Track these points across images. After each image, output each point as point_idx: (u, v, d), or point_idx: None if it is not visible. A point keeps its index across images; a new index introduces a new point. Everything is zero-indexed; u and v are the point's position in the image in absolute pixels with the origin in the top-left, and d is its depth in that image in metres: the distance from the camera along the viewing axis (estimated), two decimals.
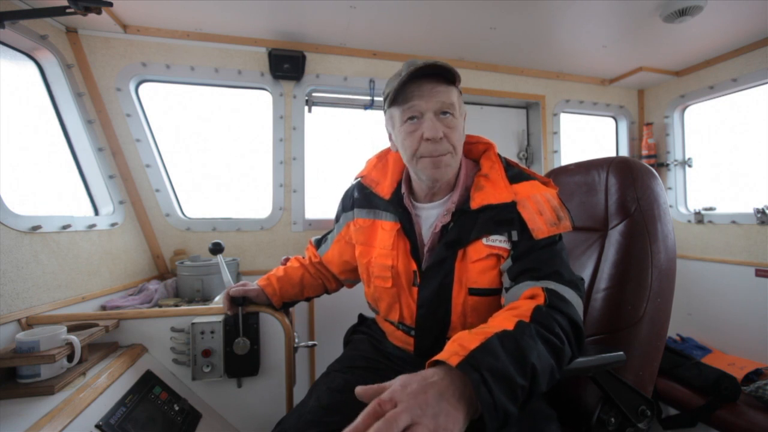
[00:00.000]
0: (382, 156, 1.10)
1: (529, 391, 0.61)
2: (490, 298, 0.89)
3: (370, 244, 1.03)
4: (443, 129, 0.86)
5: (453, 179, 0.96)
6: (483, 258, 0.88)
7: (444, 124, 0.86)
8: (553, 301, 0.75)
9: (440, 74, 0.86)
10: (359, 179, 1.10)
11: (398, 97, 0.87)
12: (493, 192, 0.90)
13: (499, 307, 0.87)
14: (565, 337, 0.71)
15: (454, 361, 0.58)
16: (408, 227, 0.97)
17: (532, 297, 0.78)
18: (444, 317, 0.92)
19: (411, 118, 0.88)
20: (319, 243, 1.26)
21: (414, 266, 0.95)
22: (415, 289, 0.95)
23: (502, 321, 0.69)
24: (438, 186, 0.95)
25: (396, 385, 0.55)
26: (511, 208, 0.88)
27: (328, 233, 1.23)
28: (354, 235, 1.09)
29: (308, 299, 1.27)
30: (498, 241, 0.88)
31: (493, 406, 0.55)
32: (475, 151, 1.03)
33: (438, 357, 0.61)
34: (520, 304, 0.76)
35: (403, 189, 1.00)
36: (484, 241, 0.88)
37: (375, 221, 1.04)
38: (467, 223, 0.90)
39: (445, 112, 0.87)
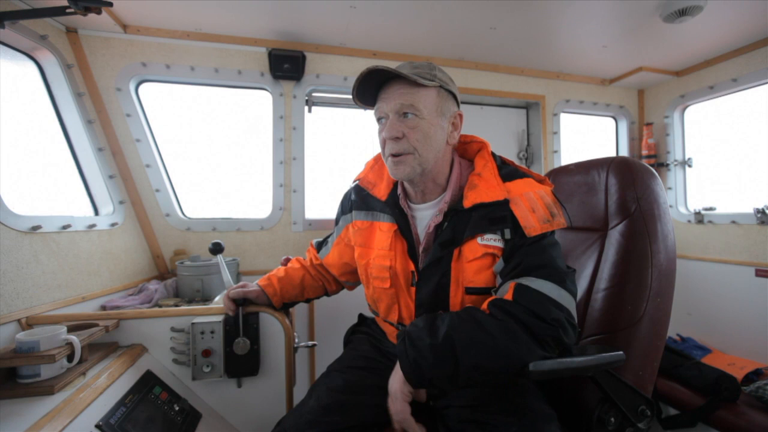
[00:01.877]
0: (379, 158, 1.11)
1: (455, 359, 0.75)
2: (487, 297, 0.89)
3: (369, 245, 1.04)
4: (403, 129, 0.88)
5: (443, 180, 0.97)
6: (479, 257, 0.88)
7: (405, 125, 0.88)
8: (518, 297, 0.79)
9: (404, 77, 0.88)
10: (357, 182, 1.11)
11: (375, 99, 0.94)
12: (485, 190, 0.90)
13: None
14: (520, 321, 0.77)
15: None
16: (405, 228, 0.98)
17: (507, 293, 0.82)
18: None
19: (379, 119, 0.93)
20: (320, 246, 1.26)
21: (412, 266, 0.96)
22: (413, 289, 0.96)
23: None
24: (421, 185, 0.96)
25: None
26: (503, 206, 0.88)
27: (329, 236, 1.23)
28: (353, 237, 1.09)
29: (308, 300, 1.27)
30: (492, 240, 0.88)
31: (404, 353, 0.78)
32: (470, 150, 1.03)
33: None
34: None
35: (399, 190, 1.02)
36: (479, 240, 0.88)
37: (373, 223, 1.05)
38: (461, 222, 0.90)
39: (406, 114, 0.88)
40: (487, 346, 0.75)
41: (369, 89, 0.93)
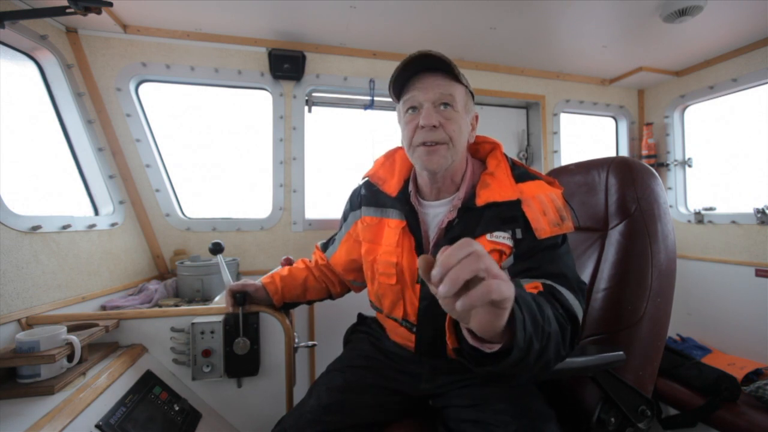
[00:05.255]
0: (390, 155, 1.11)
1: (542, 345, 0.62)
2: None
3: (377, 242, 1.04)
4: (440, 118, 0.88)
5: (459, 178, 0.97)
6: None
7: (442, 115, 0.88)
8: (552, 292, 0.78)
9: (441, 68, 0.89)
10: (366, 178, 1.11)
11: (403, 89, 0.92)
12: (498, 190, 0.90)
13: None
14: (564, 321, 0.73)
15: None
16: (413, 225, 0.98)
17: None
18: (445, 312, 0.92)
19: (412, 108, 0.91)
20: (326, 246, 1.26)
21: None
22: (418, 286, 0.96)
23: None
24: (441, 181, 0.95)
25: None
26: (515, 206, 0.88)
27: (335, 234, 1.23)
28: (361, 233, 1.09)
29: (310, 302, 1.27)
30: (502, 238, 0.88)
31: (522, 322, 0.57)
32: (482, 150, 1.04)
33: None
34: None
35: (411, 187, 1.02)
36: (488, 236, 0.88)
37: (382, 219, 1.05)
38: (472, 220, 0.90)
39: (444, 104, 0.88)
40: (557, 342, 0.67)
41: (398, 78, 0.92)
